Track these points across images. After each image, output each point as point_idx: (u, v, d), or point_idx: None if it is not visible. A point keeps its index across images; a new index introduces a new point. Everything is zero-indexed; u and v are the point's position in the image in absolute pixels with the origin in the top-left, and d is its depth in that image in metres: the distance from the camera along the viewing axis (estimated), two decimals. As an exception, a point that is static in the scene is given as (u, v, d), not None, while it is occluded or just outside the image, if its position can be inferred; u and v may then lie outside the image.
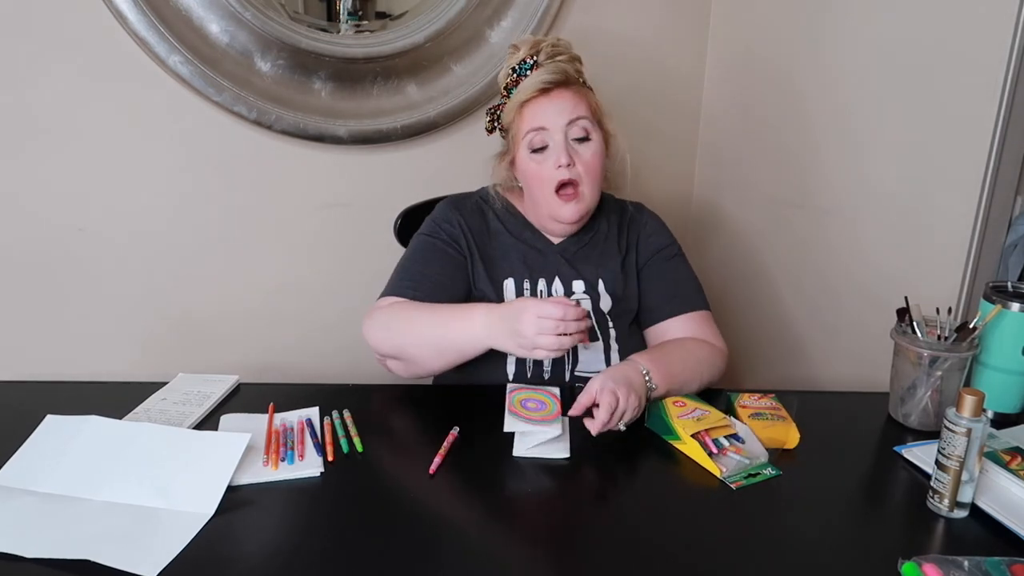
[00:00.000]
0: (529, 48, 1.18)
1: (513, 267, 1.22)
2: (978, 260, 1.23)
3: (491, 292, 1.20)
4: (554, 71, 1.16)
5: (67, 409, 0.99)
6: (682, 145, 1.85)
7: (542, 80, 1.15)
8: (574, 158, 1.16)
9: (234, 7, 1.36)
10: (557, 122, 1.15)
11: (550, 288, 1.22)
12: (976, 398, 0.84)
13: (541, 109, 1.16)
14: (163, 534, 0.80)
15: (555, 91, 1.16)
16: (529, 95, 1.16)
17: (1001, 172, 1.19)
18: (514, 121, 1.19)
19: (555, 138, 1.16)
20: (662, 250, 1.27)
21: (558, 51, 1.18)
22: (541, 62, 1.17)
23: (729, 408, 1.08)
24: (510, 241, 1.24)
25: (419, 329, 1.11)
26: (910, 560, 0.76)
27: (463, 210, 1.25)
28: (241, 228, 1.54)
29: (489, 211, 1.27)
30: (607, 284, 1.23)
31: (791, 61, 1.55)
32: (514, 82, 1.20)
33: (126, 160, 1.43)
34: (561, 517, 0.87)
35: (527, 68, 1.18)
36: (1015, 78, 1.14)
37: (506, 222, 1.26)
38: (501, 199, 1.27)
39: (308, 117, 1.47)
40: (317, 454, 0.96)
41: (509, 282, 1.22)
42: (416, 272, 1.19)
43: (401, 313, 1.14)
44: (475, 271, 1.22)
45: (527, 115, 1.17)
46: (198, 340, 1.56)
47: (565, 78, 1.17)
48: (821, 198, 1.51)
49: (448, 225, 1.23)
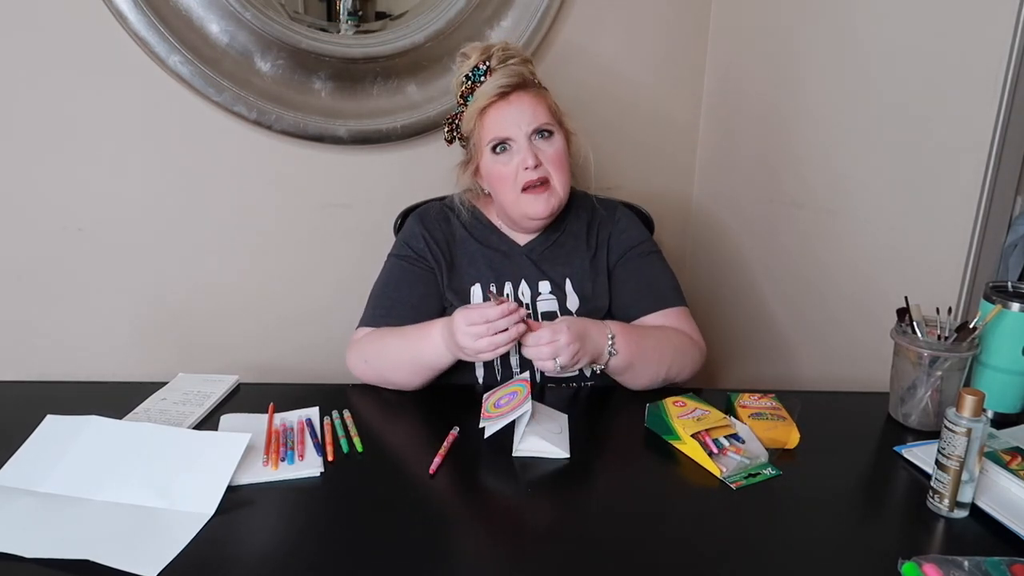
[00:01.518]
0: (480, 54, 1.18)
1: (479, 272, 1.24)
2: (978, 260, 1.23)
3: (458, 301, 1.21)
4: (510, 75, 1.15)
5: (67, 409, 0.99)
6: (682, 144, 1.85)
7: (499, 85, 1.15)
8: (539, 156, 1.16)
9: (234, 7, 1.35)
10: (519, 127, 1.15)
11: (516, 291, 1.23)
12: (976, 398, 0.84)
13: (501, 115, 1.16)
14: (163, 534, 0.80)
15: (513, 95, 1.16)
16: (488, 100, 1.16)
17: (1001, 172, 1.19)
18: (475, 129, 1.19)
19: (519, 143, 1.16)
20: (634, 247, 1.26)
21: (510, 54, 1.18)
22: (494, 67, 1.17)
23: (729, 408, 1.08)
24: (475, 247, 1.25)
25: (392, 354, 1.14)
26: (910, 560, 0.76)
27: (427, 221, 1.27)
28: (241, 228, 1.54)
29: (454, 218, 1.28)
30: (575, 283, 1.23)
31: (791, 60, 1.55)
32: (469, 89, 1.19)
33: (126, 160, 1.43)
34: (561, 517, 0.88)
35: (481, 74, 1.18)
36: (1015, 78, 1.14)
37: (471, 229, 1.27)
38: (467, 206, 1.28)
39: (308, 117, 1.47)
40: (317, 454, 0.96)
41: (476, 288, 1.23)
42: (387, 299, 1.22)
43: (374, 344, 1.16)
44: (442, 281, 1.23)
45: (488, 123, 1.17)
46: (198, 340, 1.57)
47: (522, 80, 1.17)
48: (821, 198, 1.51)
49: (415, 241, 1.25)
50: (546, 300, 1.23)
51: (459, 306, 1.18)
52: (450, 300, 1.22)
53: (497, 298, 1.02)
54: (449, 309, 1.22)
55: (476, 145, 1.20)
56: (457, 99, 1.23)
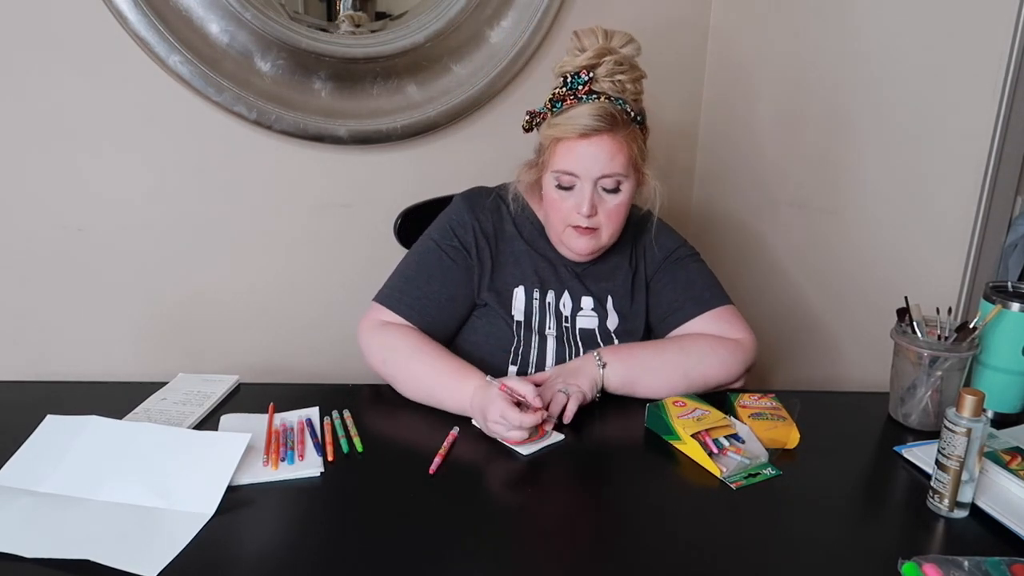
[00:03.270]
0: (591, 56, 1.09)
1: (524, 275, 1.20)
2: (978, 260, 1.23)
3: (497, 301, 1.18)
4: (599, 114, 1.06)
5: (67, 409, 0.99)
6: (682, 144, 1.85)
7: (583, 125, 1.06)
8: (598, 206, 1.11)
9: (234, 7, 1.35)
10: (589, 172, 1.09)
11: (559, 301, 1.20)
12: (976, 398, 0.84)
13: (574, 153, 1.09)
14: (163, 534, 0.80)
15: (595, 136, 1.07)
16: (565, 135, 1.09)
17: (1001, 172, 1.19)
18: (548, 149, 1.13)
19: (583, 185, 1.10)
20: (670, 255, 1.24)
21: (620, 69, 1.09)
22: (599, 77, 1.08)
23: (729, 408, 1.08)
24: (523, 248, 1.21)
25: (415, 377, 1.10)
26: (910, 560, 0.76)
27: (479, 210, 1.21)
28: (241, 228, 1.54)
29: (506, 212, 1.22)
30: (615, 301, 1.21)
31: (791, 60, 1.55)
32: (560, 96, 1.10)
33: (126, 160, 1.43)
34: (561, 517, 0.87)
35: (580, 83, 1.08)
36: (1015, 78, 1.14)
37: (521, 227, 1.22)
38: (521, 201, 1.22)
39: (308, 117, 1.47)
40: (317, 454, 0.96)
41: (519, 290, 1.19)
42: (418, 289, 1.16)
43: (402, 353, 1.11)
44: (482, 279, 1.19)
45: (560, 153, 1.10)
46: (198, 340, 1.56)
47: (611, 123, 1.07)
48: (821, 198, 1.51)
49: (463, 231, 1.19)
50: (587, 317, 1.20)
51: (496, 306, 1.17)
52: (485, 299, 1.18)
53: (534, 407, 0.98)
54: (481, 309, 1.19)
55: (544, 162, 1.14)
56: (548, 99, 1.13)
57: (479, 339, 1.19)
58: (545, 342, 1.18)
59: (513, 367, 1.16)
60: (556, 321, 1.19)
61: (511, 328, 1.17)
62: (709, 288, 1.23)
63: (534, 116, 1.16)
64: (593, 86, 1.09)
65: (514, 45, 1.56)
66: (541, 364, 1.17)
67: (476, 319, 1.20)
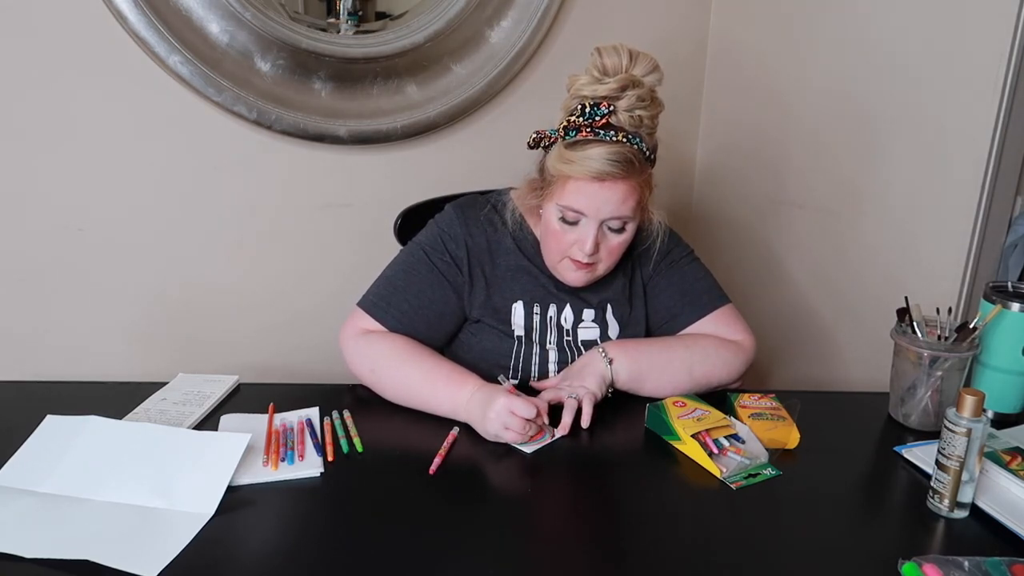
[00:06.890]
0: (615, 88, 1.02)
1: (523, 289, 1.17)
2: (978, 260, 1.23)
3: (494, 317, 1.15)
4: (617, 160, 1.01)
5: (67, 409, 0.99)
6: (682, 144, 1.85)
7: (597, 170, 1.02)
8: (600, 244, 1.09)
9: (234, 7, 1.35)
10: (598, 213, 1.06)
11: (559, 315, 1.18)
12: (976, 398, 0.84)
13: (584, 194, 1.05)
14: (163, 534, 0.80)
15: (609, 180, 1.03)
16: (579, 176, 1.04)
17: (1001, 172, 1.19)
18: (556, 180, 1.07)
19: (589, 223, 1.07)
20: (665, 256, 1.22)
21: (641, 105, 1.03)
22: (618, 110, 1.03)
23: (729, 408, 1.08)
24: (520, 262, 1.17)
25: (405, 386, 1.08)
26: (910, 560, 0.76)
27: (472, 224, 1.16)
28: (241, 228, 1.54)
29: (501, 224, 1.18)
30: (614, 309, 1.20)
31: (791, 60, 1.55)
32: (575, 126, 1.04)
33: (126, 160, 1.43)
34: (561, 517, 0.88)
35: (598, 115, 1.02)
36: (1015, 78, 1.14)
37: (519, 239, 1.18)
38: (517, 216, 1.18)
39: (308, 117, 1.47)
40: (317, 454, 0.96)
41: (518, 305, 1.16)
42: (404, 301, 1.13)
43: (391, 361, 1.09)
44: (474, 296, 1.15)
45: (570, 190, 1.05)
46: (198, 340, 1.56)
47: (626, 169, 1.03)
48: (821, 198, 1.51)
49: (454, 245, 1.15)
50: (588, 328, 1.18)
51: (493, 322, 1.15)
52: (479, 316, 1.15)
53: (542, 421, 0.99)
54: (474, 325, 1.17)
55: (550, 192, 1.09)
56: (562, 121, 1.06)
57: (475, 355, 1.17)
58: (547, 355, 1.17)
59: (514, 381, 1.15)
60: (558, 334, 1.18)
61: (511, 342, 1.16)
62: (707, 290, 1.22)
63: (543, 138, 1.10)
64: (611, 119, 1.03)
65: (514, 45, 1.56)
66: (543, 377, 1.17)
67: (470, 335, 1.17)
